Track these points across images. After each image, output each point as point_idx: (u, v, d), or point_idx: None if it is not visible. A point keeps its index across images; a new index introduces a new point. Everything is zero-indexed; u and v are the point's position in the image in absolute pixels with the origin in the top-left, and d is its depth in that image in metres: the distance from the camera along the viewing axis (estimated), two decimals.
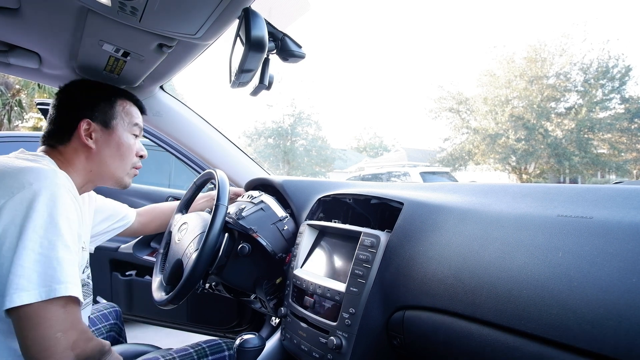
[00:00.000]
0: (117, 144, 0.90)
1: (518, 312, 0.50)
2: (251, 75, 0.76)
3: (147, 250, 1.60)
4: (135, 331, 2.22)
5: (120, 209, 1.13)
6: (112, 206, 1.11)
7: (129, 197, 1.67)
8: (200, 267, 0.84)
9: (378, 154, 37.58)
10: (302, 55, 0.82)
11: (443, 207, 0.75)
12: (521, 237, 0.57)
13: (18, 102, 12.69)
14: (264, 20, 0.69)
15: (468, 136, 15.57)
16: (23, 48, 1.00)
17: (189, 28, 0.79)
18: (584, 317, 0.44)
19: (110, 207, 1.10)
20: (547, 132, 13.42)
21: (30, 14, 0.82)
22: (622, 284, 0.43)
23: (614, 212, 0.53)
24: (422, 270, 0.67)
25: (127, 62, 0.99)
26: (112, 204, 1.12)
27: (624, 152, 13.20)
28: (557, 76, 13.65)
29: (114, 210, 1.11)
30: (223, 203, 0.87)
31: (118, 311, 1.19)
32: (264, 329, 1.38)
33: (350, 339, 0.74)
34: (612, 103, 13.25)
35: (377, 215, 0.99)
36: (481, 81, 15.02)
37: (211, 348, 0.92)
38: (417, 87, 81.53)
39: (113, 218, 1.10)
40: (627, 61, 13.07)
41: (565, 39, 13.44)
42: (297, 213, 1.09)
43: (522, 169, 14.49)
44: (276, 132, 20.23)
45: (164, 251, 1.09)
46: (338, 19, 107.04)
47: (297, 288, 0.91)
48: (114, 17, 0.76)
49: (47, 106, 1.69)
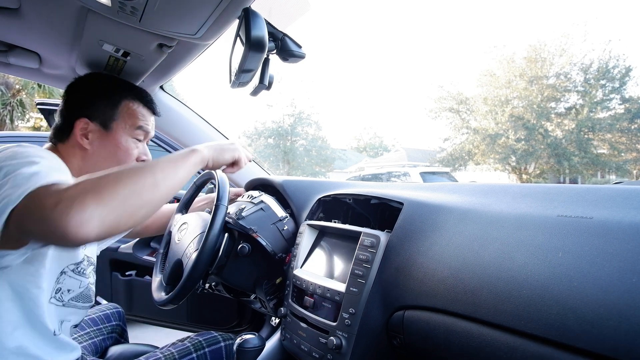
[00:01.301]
0: (114, 147, 0.86)
1: (518, 312, 0.50)
2: (251, 75, 0.76)
3: (147, 250, 1.60)
4: (136, 331, 2.22)
5: None
6: None
7: None
8: (200, 267, 0.84)
9: (378, 154, 37.58)
10: (302, 55, 0.82)
11: (443, 207, 0.75)
12: (521, 237, 0.57)
13: (20, 102, 12.70)
14: (264, 20, 0.69)
15: (468, 136, 15.57)
16: (23, 48, 1.00)
17: (189, 28, 0.79)
18: (584, 317, 0.44)
19: None
20: (547, 132, 13.43)
21: (30, 14, 0.82)
22: (622, 284, 0.43)
23: (614, 212, 0.53)
24: (422, 270, 0.67)
25: (127, 62, 0.99)
26: None
27: (624, 152, 13.20)
28: (557, 76, 13.65)
29: None
30: (223, 203, 0.87)
31: (121, 312, 1.19)
32: (264, 329, 1.38)
33: (350, 339, 0.74)
34: (612, 103, 13.26)
35: (377, 215, 0.99)
36: (481, 81, 15.03)
37: (207, 341, 0.93)
38: (417, 87, 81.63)
39: None
40: (627, 61, 13.07)
41: (566, 39, 13.46)
42: (297, 213, 1.09)
43: (522, 169, 14.49)
44: (276, 132, 20.23)
45: (163, 251, 1.09)
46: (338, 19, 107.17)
47: (297, 288, 0.91)
48: (114, 17, 0.76)
49: (47, 106, 1.70)
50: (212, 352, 0.91)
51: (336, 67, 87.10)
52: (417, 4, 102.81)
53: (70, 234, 0.48)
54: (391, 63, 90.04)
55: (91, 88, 0.90)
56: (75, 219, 0.48)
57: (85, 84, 0.91)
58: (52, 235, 0.49)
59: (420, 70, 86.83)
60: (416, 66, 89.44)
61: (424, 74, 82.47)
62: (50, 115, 1.68)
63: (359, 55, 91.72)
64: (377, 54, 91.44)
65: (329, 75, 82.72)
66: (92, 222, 0.49)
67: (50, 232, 0.49)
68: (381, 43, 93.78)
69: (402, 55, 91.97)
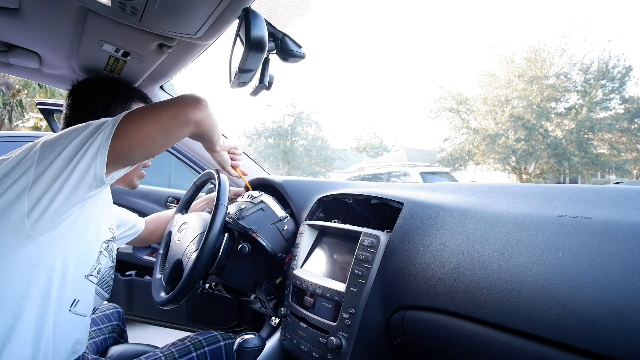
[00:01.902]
0: None
1: (518, 312, 0.50)
2: (251, 75, 0.76)
3: (147, 250, 1.60)
4: (136, 331, 2.22)
5: (131, 218, 1.14)
6: (123, 214, 1.12)
7: (128, 196, 1.67)
8: (200, 267, 0.84)
9: (378, 154, 37.57)
10: (302, 55, 0.82)
11: (443, 207, 0.75)
12: (521, 237, 0.57)
13: (19, 102, 12.71)
14: (264, 20, 0.69)
15: (468, 136, 15.57)
16: (23, 48, 1.00)
17: (189, 28, 0.79)
18: (584, 317, 0.44)
19: (123, 215, 1.11)
20: (547, 132, 13.43)
21: (30, 14, 0.82)
22: (622, 284, 0.43)
23: (614, 212, 0.53)
24: (422, 270, 0.67)
25: (127, 62, 0.99)
26: (124, 212, 1.12)
27: (624, 152, 13.20)
28: (557, 76, 13.65)
29: (126, 218, 1.12)
30: (223, 203, 0.87)
31: (120, 312, 1.19)
32: (264, 329, 1.38)
33: (350, 339, 0.74)
34: (612, 103, 13.25)
35: (377, 215, 0.99)
36: (481, 81, 15.03)
37: (207, 340, 0.93)
38: (417, 87, 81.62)
39: (125, 225, 1.11)
40: (627, 61, 13.07)
41: (565, 39, 13.45)
42: (297, 213, 1.09)
43: (522, 169, 14.49)
44: (276, 132, 20.23)
45: (163, 251, 1.09)
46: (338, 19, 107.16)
47: (297, 288, 0.91)
48: (114, 17, 0.76)
49: (47, 106, 1.69)
50: (211, 351, 0.91)
51: (336, 67, 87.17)
52: (417, 4, 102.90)
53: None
54: (391, 63, 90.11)
55: (104, 92, 0.91)
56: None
57: (96, 88, 0.92)
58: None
59: (420, 70, 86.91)
60: (416, 66, 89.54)
61: (424, 74, 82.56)
62: (50, 115, 1.67)
63: (359, 55, 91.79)
64: (377, 54, 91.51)
65: (329, 75, 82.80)
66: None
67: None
68: (381, 43, 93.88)
69: (402, 55, 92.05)
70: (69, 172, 0.63)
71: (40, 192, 0.62)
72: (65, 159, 0.63)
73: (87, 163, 0.63)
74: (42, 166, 0.63)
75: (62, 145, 0.64)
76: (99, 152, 0.64)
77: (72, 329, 0.75)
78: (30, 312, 0.66)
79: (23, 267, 0.65)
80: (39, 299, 0.67)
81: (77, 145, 0.64)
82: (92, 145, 0.64)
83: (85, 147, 0.64)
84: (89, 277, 0.77)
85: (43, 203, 0.62)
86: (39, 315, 0.67)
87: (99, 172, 0.64)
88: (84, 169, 0.64)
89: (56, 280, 0.69)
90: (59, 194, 0.63)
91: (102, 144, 0.64)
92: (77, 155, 0.63)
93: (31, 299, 0.66)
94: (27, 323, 0.66)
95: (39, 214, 0.63)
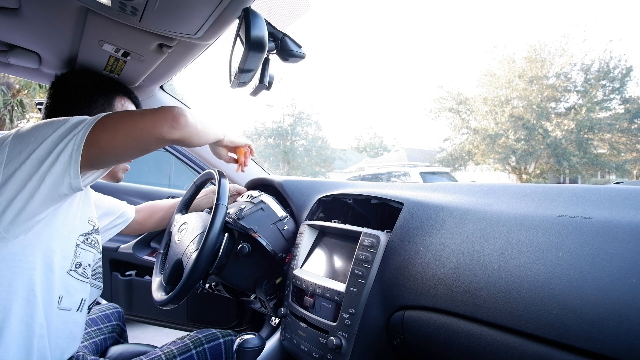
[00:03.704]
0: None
1: (518, 312, 0.50)
2: (251, 75, 0.76)
3: (147, 250, 1.60)
4: (136, 331, 2.22)
5: (118, 205, 1.13)
6: (109, 202, 1.11)
7: (128, 197, 1.67)
8: (200, 267, 0.84)
9: (378, 154, 37.55)
10: (302, 55, 0.82)
11: (443, 207, 0.75)
12: (521, 237, 0.57)
13: (19, 102, 12.73)
14: (264, 20, 0.69)
15: (468, 136, 15.56)
16: (23, 48, 1.00)
17: (189, 28, 0.79)
18: (584, 317, 0.44)
19: (109, 203, 1.10)
20: (547, 132, 13.41)
21: (30, 14, 0.82)
22: (622, 284, 0.43)
23: (614, 212, 0.53)
24: (422, 270, 0.67)
25: (127, 62, 0.99)
26: (110, 199, 1.12)
27: (623, 152, 13.19)
28: (557, 76, 13.63)
29: (112, 206, 1.11)
30: (223, 203, 0.87)
31: (120, 312, 1.19)
32: (264, 329, 1.38)
33: (350, 339, 0.74)
34: (612, 103, 13.23)
35: (377, 215, 0.99)
36: (481, 81, 15.01)
37: (206, 337, 0.93)
38: (417, 87, 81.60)
39: (113, 214, 1.10)
40: (628, 62, 13.06)
41: (566, 39, 13.44)
42: (297, 213, 1.09)
43: (522, 169, 14.48)
44: (276, 132, 20.22)
45: (163, 251, 1.09)
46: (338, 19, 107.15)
47: (297, 288, 0.91)
48: (114, 17, 0.76)
49: None
50: (211, 349, 0.91)
51: (336, 67, 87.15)
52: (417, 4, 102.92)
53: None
54: (391, 63, 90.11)
55: (88, 85, 0.91)
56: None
57: (79, 81, 0.92)
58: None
59: (420, 71, 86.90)
60: (416, 66, 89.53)
61: (423, 74, 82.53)
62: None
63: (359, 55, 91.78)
64: (377, 54, 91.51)
65: (329, 75, 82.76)
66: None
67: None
68: (381, 43, 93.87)
69: (402, 55, 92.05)
70: (40, 177, 0.60)
71: (10, 194, 0.60)
72: (35, 161, 0.60)
73: (61, 171, 0.61)
74: (11, 167, 0.60)
75: (33, 144, 0.61)
76: (72, 161, 0.61)
77: (65, 325, 0.75)
78: (17, 312, 0.66)
79: (2, 269, 0.64)
80: (24, 299, 0.66)
81: (48, 147, 0.61)
82: (63, 151, 0.61)
83: (57, 152, 0.61)
84: (70, 272, 0.76)
85: (15, 206, 0.60)
86: (27, 314, 0.67)
87: (74, 182, 0.63)
88: (58, 178, 0.61)
89: (39, 279, 0.68)
90: (32, 199, 0.61)
91: (73, 152, 0.61)
92: (48, 160, 0.61)
93: (16, 299, 0.66)
94: (16, 323, 0.66)
95: (12, 217, 0.61)
